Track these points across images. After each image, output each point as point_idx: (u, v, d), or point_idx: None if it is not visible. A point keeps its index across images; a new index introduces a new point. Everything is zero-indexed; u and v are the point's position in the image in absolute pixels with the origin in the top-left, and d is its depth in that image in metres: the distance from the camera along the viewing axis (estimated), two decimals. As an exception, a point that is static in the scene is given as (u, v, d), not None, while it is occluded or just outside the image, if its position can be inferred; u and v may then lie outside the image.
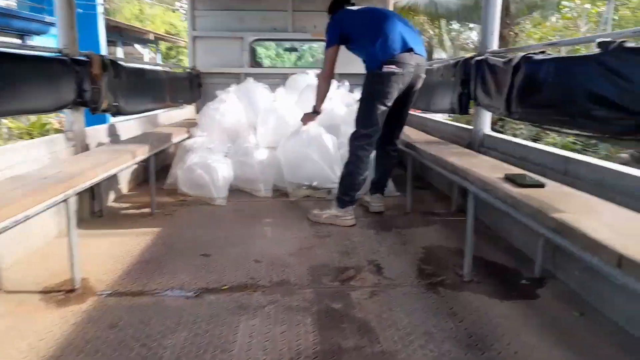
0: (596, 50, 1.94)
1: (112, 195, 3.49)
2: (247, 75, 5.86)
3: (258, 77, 5.84)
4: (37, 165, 2.49)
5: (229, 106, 4.17)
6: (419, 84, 2.96)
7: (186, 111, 5.84)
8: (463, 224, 2.29)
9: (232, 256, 2.44)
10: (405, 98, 2.96)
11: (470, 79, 3.09)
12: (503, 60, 2.60)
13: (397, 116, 3.05)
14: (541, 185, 1.85)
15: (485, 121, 3.13)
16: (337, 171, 3.40)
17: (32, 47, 3.42)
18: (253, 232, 2.83)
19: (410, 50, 2.79)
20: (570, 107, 2.05)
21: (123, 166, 2.57)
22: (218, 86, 5.72)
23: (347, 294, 2.05)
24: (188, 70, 5.80)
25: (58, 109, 2.75)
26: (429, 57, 14.93)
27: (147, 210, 3.22)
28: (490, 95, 2.75)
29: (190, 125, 4.36)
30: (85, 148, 3.06)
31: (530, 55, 2.37)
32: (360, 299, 2.00)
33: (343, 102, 4.49)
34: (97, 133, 3.32)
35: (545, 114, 2.24)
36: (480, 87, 2.92)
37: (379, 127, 2.93)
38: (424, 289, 2.10)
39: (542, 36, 14.21)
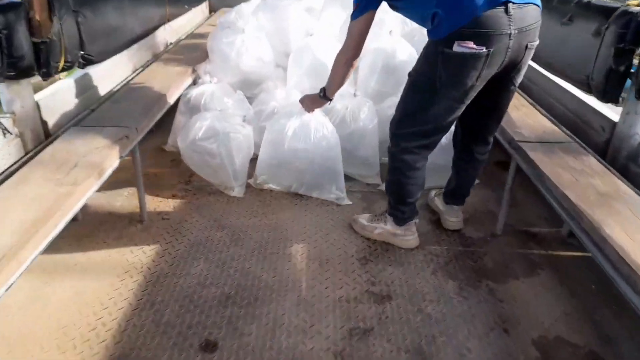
0: None
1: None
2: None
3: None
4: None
5: (248, 39, 3.01)
6: (529, 56, 1.78)
7: (197, 13, 4.60)
8: (586, 277, 1.45)
9: (247, 355, 1.62)
10: (504, 80, 1.82)
11: (634, 50, 1.91)
12: None
13: (493, 105, 1.95)
14: None
15: (647, 122, 2.01)
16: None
17: None
18: (279, 280, 1.96)
19: (505, 3, 1.58)
20: None
21: (78, 206, 1.64)
22: None
23: None
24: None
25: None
26: None
27: (136, 210, 2.34)
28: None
29: (198, 61, 3.21)
30: (42, 135, 2.11)
31: None
32: None
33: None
34: (60, 97, 2.31)
35: None
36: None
37: (445, 126, 1.88)
38: None
39: None
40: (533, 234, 2.33)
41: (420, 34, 3.22)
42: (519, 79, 1.84)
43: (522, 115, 2.40)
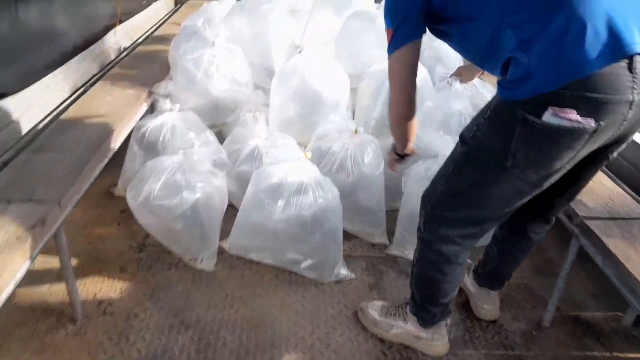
0: None
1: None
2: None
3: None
4: None
5: (220, 54, 2.37)
6: (638, 129, 1.21)
7: (159, 8, 3.88)
8: None
9: None
10: (599, 154, 1.23)
11: None
12: None
13: (572, 181, 1.37)
14: None
15: None
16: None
17: None
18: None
19: (630, 57, 0.99)
20: None
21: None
22: None
23: None
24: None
25: None
26: None
27: (67, 303, 1.72)
28: None
29: (157, 78, 2.53)
30: None
31: None
32: None
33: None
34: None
35: None
36: None
37: (506, 214, 1.33)
38: None
39: None
40: (587, 322, 1.83)
41: (431, 44, 2.64)
42: (617, 153, 1.29)
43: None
